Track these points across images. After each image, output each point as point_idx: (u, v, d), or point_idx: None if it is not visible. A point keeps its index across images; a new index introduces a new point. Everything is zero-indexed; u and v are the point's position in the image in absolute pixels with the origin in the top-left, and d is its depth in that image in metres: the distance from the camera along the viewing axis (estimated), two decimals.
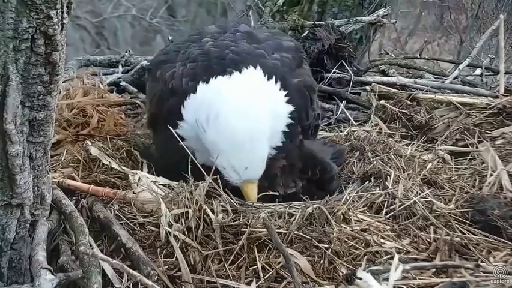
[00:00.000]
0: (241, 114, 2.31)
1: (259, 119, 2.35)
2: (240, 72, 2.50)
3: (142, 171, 2.64)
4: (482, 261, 2.15)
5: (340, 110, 4.11)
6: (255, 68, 2.53)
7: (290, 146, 2.59)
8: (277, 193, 2.41)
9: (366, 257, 2.18)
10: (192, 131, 2.44)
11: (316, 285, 2.08)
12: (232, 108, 2.33)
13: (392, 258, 2.16)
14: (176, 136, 2.41)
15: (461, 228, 2.41)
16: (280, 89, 2.54)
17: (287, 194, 2.61)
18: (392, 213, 2.46)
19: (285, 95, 2.55)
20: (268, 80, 2.52)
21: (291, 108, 2.55)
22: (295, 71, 2.74)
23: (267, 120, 2.39)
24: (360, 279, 1.89)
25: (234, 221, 2.23)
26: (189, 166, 2.33)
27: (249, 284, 2.07)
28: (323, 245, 2.19)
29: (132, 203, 2.41)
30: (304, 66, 2.88)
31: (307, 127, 2.73)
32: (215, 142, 2.34)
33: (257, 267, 2.11)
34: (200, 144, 2.41)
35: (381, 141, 3.19)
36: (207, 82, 2.47)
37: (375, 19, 5.17)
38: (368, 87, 4.20)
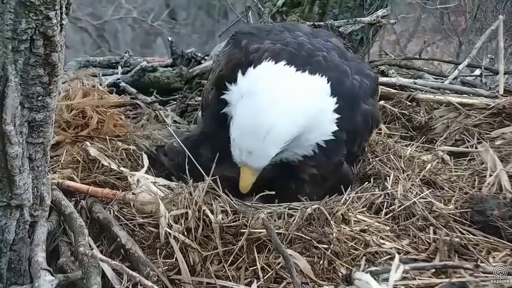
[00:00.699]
0: (275, 107, 2.31)
1: (288, 121, 2.33)
2: (312, 74, 2.50)
3: (141, 171, 2.64)
4: (481, 262, 2.15)
5: None
6: (331, 80, 2.53)
7: (324, 160, 2.59)
8: (273, 192, 2.40)
9: (365, 257, 2.18)
10: (236, 98, 2.49)
11: (316, 285, 2.08)
12: (272, 97, 2.34)
13: (391, 258, 2.17)
14: (174, 134, 2.43)
15: (460, 229, 2.41)
16: (335, 109, 2.52)
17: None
18: (391, 213, 2.46)
19: (350, 118, 2.58)
20: (330, 96, 2.51)
21: (335, 127, 2.53)
22: (369, 99, 2.76)
23: (294, 127, 2.36)
24: (360, 280, 1.90)
25: (233, 222, 2.23)
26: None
27: (248, 284, 2.07)
28: (323, 245, 2.19)
29: (132, 204, 2.41)
30: (376, 98, 2.92)
31: (354, 154, 2.76)
32: (239, 115, 2.37)
33: (257, 268, 2.11)
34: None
35: (381, 142, 3.19)
36: (274, 64, 2.51)
37: (374, 20, 5.17)
38: None
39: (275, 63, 2.53)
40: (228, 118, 2.51)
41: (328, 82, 2.51)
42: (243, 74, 2.53)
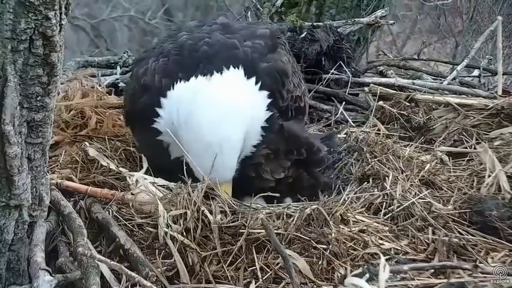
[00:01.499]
0: (215, 119, 2.36)
1: (233, 126, 2.38)
2: (220, 73, 2.53)
3: (140, 171, 2.64)
4: (480, 262, 2.15)
5: (339, 111, 4.11)
6: (233, 65, 2.56)
7: (269, 135, 2.60)
8: (278, 195, 2.41)
9: (364, 258, 2.18)
10: (168, 125, 2.49)
11: (315, 286, 2.08)
12: (207, 112, 2.37)
13: (390, 259, 2.17)
14: (171, 134, 2.45)
15: (459, 229, 2.42)
16: (257, 86, 2.56)
17: (278, 180, 2.63)
18: (390, 214, 2.47)
19: (256, 80, 2.58)
20: (248, 78, 2.55)
21: (267, 100, 2.58)
22: (267, 56, 2.74)
23: (241, 126, 2.42)
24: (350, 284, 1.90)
25: (232, 222, 2.23)
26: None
27: (247, 285, 2.07)
28: (322, 245, 2.19)
29: (130, 204, 2.41)
30: (279, 51, 2.87)
31: (284, 108, 2.71)
32: (187, 142, 2.39)
33: (255, 268, 2.12)
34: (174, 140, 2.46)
35: (380, 142, 3.19)
36: (186, 80, 2.52)
37: (373, 20, 5.17)
38: (366, 89, 4.19)
39: (181, 81, 2.54)
40: (164, 144, 2.57)
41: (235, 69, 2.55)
42: (161, 103, 2.54)
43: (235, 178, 2.49)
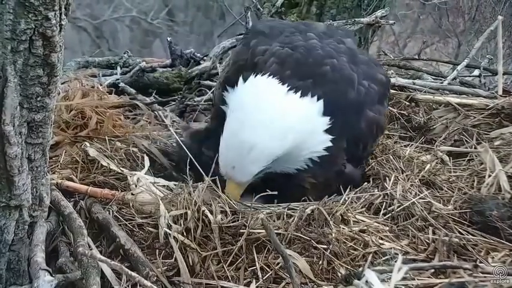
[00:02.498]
0: (260, 126, 2.35)
1: (270, 141, 2.35)
2: (304, 95, 2.47)
3: (141, 171, 2.64)
4: (480, 262, 2.15)
5: None
6: (329, 95, 2.52)
7: (319, 171, 2.59)
8: (275, 192, 2.41)
9: (366, 257, 2.18)
10: (232, 102, 2.56)
11: (315, 286, 2.08)
12: (259, 116, 2.37)
13: (390, 259, 2.17)
14: (175, 135, 2.45)
15: (459, 229, 2.41)
16: (331, 123, 2.51)
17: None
18: (390, 214, 2.46)
19: (354, 125, 2.60)
20: (323, 116, 2.50)
21: (328, 144, 2.54)
22: (375, 106, 2.74)
23: (277, 147, 2.38)
24: (359, 279, 1.90)
25: (232, 222, 2.23)
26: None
27: (248, 284, 2.07)
28: (322, 245, 2.19)
29: (131, 204, 2.41)
30: (384, 104, 2.89)
31: (359, 157, 2.75)
32: (227, 128, 2.42)
33: (256, 268, 2.12)
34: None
35: (380, 143, 3.19)
36: (272, 76, 2.51)
37: (373, 20, 5.17)
38: None
39: (280, 70, 2.54)
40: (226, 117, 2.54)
41: (323, 99, 2.49)
42: (244, 80, 2.55)
43: (271, 178, 2.51)
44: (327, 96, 2.50)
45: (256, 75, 2.54)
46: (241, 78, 2.57)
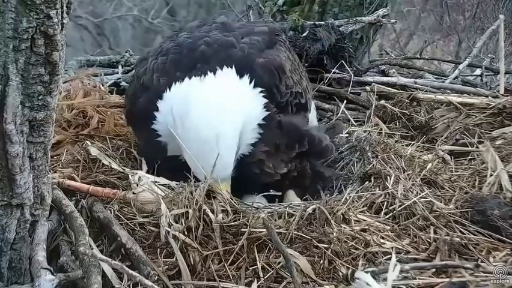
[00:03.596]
0: (209, 117, 2.40)
1: (226, 122, 2.42)
2: (214, 73, 2.57)
3: (141, 170, 2.64)
4: (482, 261, 2.15)
5: (340, 110, 4.11)
6: (226, 65, 2.60)
7: (267, 132, 2.62)
8: (279, 193, 2.42)
9: (366, 257, 2.18)
10: (166, 126, 2.54)
11: (316, 285, 2.08)
12: (201, 111, 2.41)
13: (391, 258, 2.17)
14: (175, 134, 2.46)
15: (461, 229, 2.41)
16: (251, 84, 2.60)
17: (283, 175, 2.65)
18: (391, 213, 2.46)
19: (250, 78, 2.61)
20: (240, 78, 2.59)
21: (262, 98, 2.61)
22: (264, 52, 2.77)
23: (235, 123, 2.46)
24: (359, 279, 1.90)
25: (233, 221, 2.23)
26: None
27: (249, 284, 2.07)
28: (323, 245, 2.19)
29: (132, 203, 2.41)
30: (277, 48, 2.90)
31: (283, 104, 2.73)
32: (185, 141, 2.42)
33: (257, 268, 2.11)
34: (173, 139, 2.49)
35: (381, 142, 3.18)
36: (181, 81, 2.56)
37: (375, 19, 5.16)
38: (368, 87, 4.20)
39: (177, 82, 2.59)
40: (162, 144, 2.63)
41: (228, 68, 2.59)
42: (158, 105, 2.59)
43: (238, 177, 2.52)
44: (224, 63, 2.61)
45: (170, 87, 2.59)
46: (140, 105, 2.68)
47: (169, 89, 2.57)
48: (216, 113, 2.41)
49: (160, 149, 2.63)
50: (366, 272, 1.95)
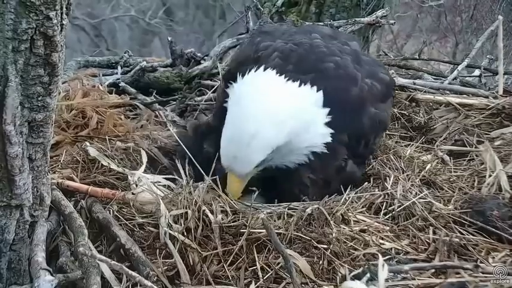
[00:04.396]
0: (261, 115, 2.36)
1: (272, 130, 2.36)
2: (305, 84, 2.51)
3: (140, 169, 2.64)
4: (481, 262, 2.15)
5: None
6: (330, 90, 2.54)
7: (320, 166, 2.60)
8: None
9: (367, 257, 2.18)
10: (233, 95, 2.59)
11: (316, 285, 2.08)
12: (259, 106, 2.40)
13: (391, 259, 2.17)
14: (176, 136, 2.47)
15: (460, 229, 2.41)
16: (333, 118, 2.53)
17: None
18: (391, 214, 2.46)
19: (355, 121, 2.61)
20: (323, 107, 2.52)
21: (328, 139, 2.56)
22: (379, 104, 2.76)
23: (279, 136, 2.38)
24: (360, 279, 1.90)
25: (233, 222, 2.23)
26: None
27: (248, 284, 2.07)
28: (322, 245, 2.19)
29: (131, 204, 2.42)
30: (388, 103, 2.91)
31: (360, 155, 2.75)
32: (227, 120, 2.44)
33: (256, 268, 2.12)
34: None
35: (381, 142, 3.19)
36: (272, 69, 2.54)
37: (373, 20, 5.16)
38: None
39: (282, 64, 2.57)
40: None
41: (323, 92, 2.51)
42: (246, 72, 2.58)
43: (270, 176, 2.53)
44: (327, 89, 2.52)
45: (257, 70, 2.57)
46: (240, 74, 2.61)
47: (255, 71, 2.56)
48: (269, 113, 2.37)
49: (223, 113, 2.57)
50: (358, 275, 1.96)
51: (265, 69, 2.55)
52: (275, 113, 2.37)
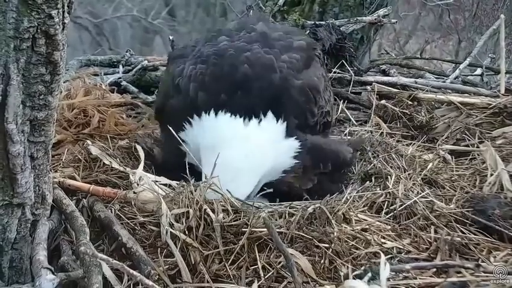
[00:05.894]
0: (234, 162, 2.44)
1: (248, 178, 2.50)
2: (255, 118, 2.58)
3: (139, 168, 2.64)
4: (482, 261, 2.15)
5: (340, 109, 4.10)
6: (265, 105, 2.60)
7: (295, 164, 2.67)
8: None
9: (368, 256, 2.18)
10: (194, 142, 2.60)
11: (317, 285, 2.07)
12: (229, 155, 2.42)
13: (392, 258, 2.17)
14: (175, 134, 2.53)
15: (461, 228, 2.41)
16: (287, 136, 2.63)
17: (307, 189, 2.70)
18: (392, 213, 2.46)
19: (290, 99, 2.64)
20: (277, 121, 2.61)
21: (294, 147, 2.65)
22: (302, 73, 2.76)
23: (256, 179, 2.53)
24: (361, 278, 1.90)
25: (234, 221, 2.23)
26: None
27: (249, 283, 2.06)
28: (324, 244, 2.19)
29: (133, 203, 2.41)
30: (313, 65, 2.90)
31: (313, 124, 2.75)
32: (207, 167, 2.41)
33: (258, 267, 2.11)
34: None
35: (382, 141, 3.19)
36: (215, 114, 2.57)
37: (375, 19, 5.15)
38: (368, 87, 4.20)
39: (204, 92, 2.63)
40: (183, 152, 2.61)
41: (262, 111, 2.58)
42: (191, 124, 2.63)
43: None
44: (262, 101, 2.60)
45: (201, 116, 2.61)
46: (188, 124, 2.64)
47: (208, 114, 2.59)
48: (241, 167, 2.46)
49: (179, 154, 2.63)
50: (360, 274, 1.96)
51: (216, 115, 2.58)
52: (247, 162, 2.48)
